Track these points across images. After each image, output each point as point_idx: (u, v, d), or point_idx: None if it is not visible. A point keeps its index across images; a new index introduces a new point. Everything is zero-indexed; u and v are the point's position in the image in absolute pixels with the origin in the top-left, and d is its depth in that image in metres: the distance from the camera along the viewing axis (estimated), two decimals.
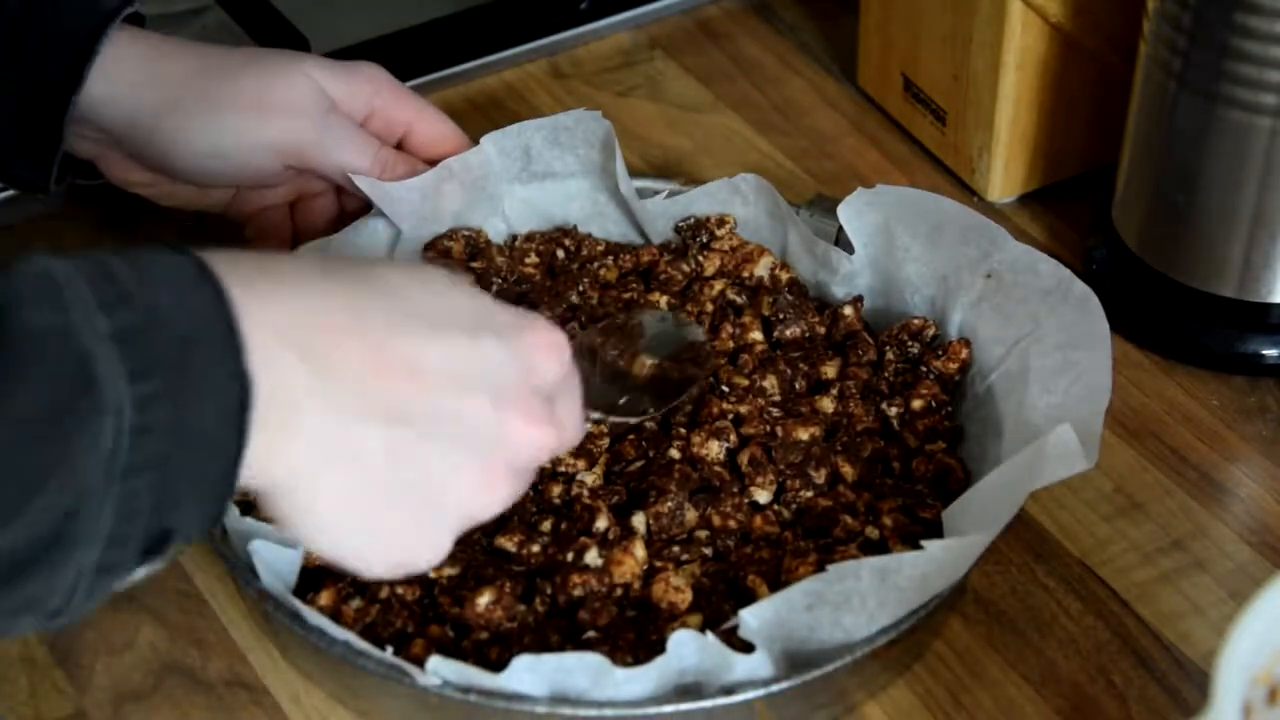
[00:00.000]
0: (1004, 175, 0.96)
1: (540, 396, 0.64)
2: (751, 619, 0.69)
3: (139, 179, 0.88)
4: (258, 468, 0.58)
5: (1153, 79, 0.84)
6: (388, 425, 0.60)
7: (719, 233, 0.88)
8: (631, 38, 1.09)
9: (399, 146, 0.89)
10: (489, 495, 0.63)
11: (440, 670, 0.68)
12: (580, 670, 0.67)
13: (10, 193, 0.95)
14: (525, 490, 0.67)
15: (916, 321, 0.84)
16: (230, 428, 0.56)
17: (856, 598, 0.69)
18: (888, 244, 0.85)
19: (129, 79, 0.83)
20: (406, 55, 1.01)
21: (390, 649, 0.69)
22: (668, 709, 0.69)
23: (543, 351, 0.65)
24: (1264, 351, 0.87)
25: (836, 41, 1.08)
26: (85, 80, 0.82)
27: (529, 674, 0.67)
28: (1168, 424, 0.86)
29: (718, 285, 0.87)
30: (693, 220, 0.89)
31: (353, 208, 0.89)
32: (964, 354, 0.82)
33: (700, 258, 0.88)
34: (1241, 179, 0.82)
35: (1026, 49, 0.92)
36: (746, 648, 0.69)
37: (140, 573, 0.58)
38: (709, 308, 0.86)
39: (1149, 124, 0.86)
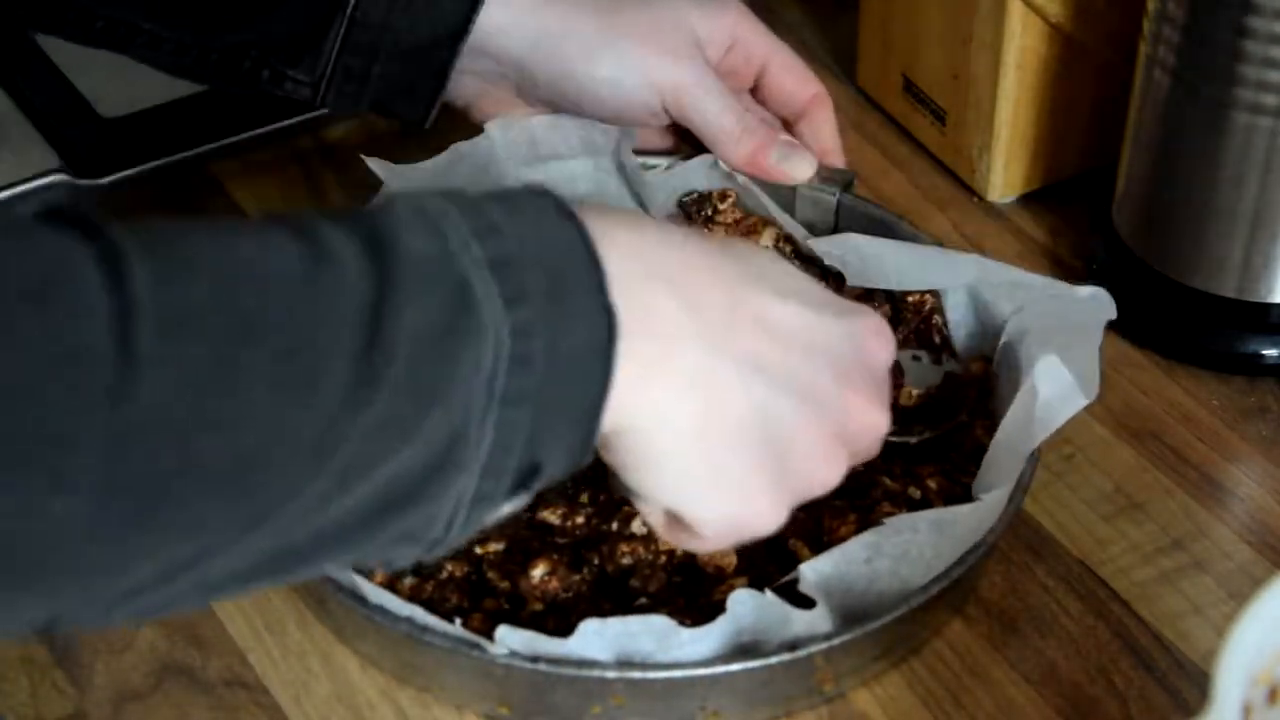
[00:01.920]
0: (1004, 175, 0.96)
1: (875, 380, 0.64)
2: (811, 573, 0.69)
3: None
4: (616, 404, 0.57)
5: (1153, 79, 0.84)
6: (750, 371, 0.60)
7: (721, 206, 0.89)
8: None
9: (755, 89, 0.89)
10: (827, 466, 0.63)
11: (509, 639, 0.68)
12: (645, 633, 0.68)
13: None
14: (842, 479, 0.64)
15: (913, 297, 0.84)
16: (598, 359, 0.56)
17: (914, 549, 0.70)
18: (860, 263, 0.85)
19: (529, 2, 0.84)
20: None
21: (459, 621, 0.70)
22: (735, 666, 0.69)
23: (876, 338, 0.65)
24: (1264, 351, 0.87)
25: (836, 41, 1.08)
26: (481, 6, 0.83)
27: (596, 639, 0.68)
28: (1168, 424, 0.86)
29: None
30: (695, 195, 0.90)
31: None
32: (977, 369, 0.83)
33: (707, 230, 0.89)
34: (1241, 179, 0.82)
35: (1026, 49, 0.92)
36: (800, 606, 0.70)
37: (505, 509, 0.58)
38: None
39: (1149, 124, 0.86)
